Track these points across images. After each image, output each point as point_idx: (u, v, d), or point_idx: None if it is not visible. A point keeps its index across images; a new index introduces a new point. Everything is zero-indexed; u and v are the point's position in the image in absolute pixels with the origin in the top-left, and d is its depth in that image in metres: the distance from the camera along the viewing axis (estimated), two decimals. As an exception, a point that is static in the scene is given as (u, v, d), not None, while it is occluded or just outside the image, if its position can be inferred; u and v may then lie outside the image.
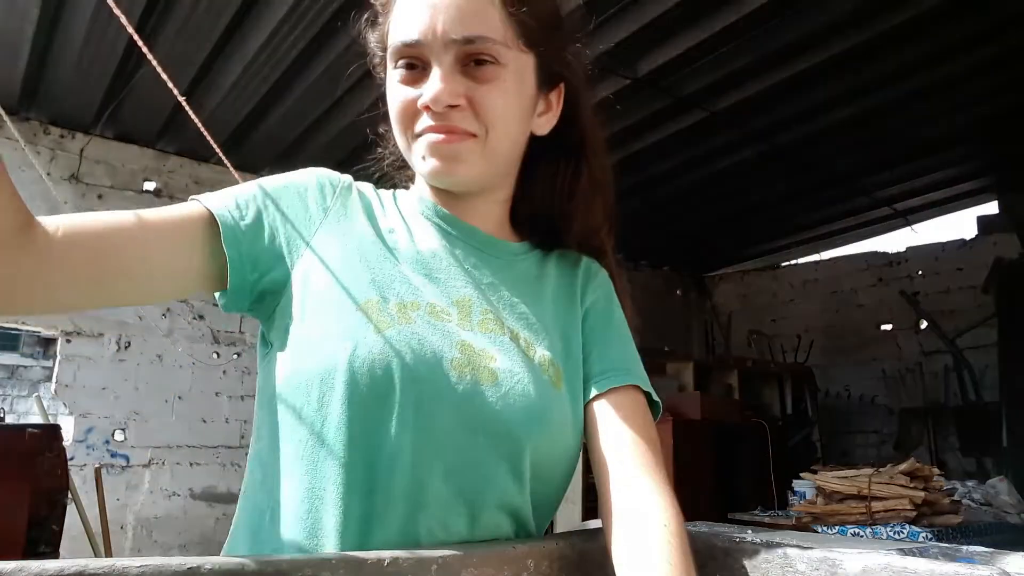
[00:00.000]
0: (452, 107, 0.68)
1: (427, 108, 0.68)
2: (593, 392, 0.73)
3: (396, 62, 0.70)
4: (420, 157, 0.71)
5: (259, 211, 0.69)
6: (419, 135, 0.70)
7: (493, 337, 0.70)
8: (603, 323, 0.78)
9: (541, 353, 0.71)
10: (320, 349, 0.64)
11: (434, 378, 0.65)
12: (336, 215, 0.73)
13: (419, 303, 0.69)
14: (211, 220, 0.66)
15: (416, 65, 0.69)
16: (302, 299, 0.67)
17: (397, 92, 0.71)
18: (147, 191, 4.49)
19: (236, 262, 0.66)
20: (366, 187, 0.80)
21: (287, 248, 0.69)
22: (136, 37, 1.44)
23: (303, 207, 0.72)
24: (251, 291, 0.68)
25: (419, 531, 0.63)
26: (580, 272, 0.81)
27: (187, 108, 1.48)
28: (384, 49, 0.74)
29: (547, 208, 0.80)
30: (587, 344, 0.76)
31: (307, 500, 0.63)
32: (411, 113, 0.70)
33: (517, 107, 0.72)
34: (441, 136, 0.69)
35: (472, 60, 0.68)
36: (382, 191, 0.81)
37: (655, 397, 0.75)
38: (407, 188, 0.84)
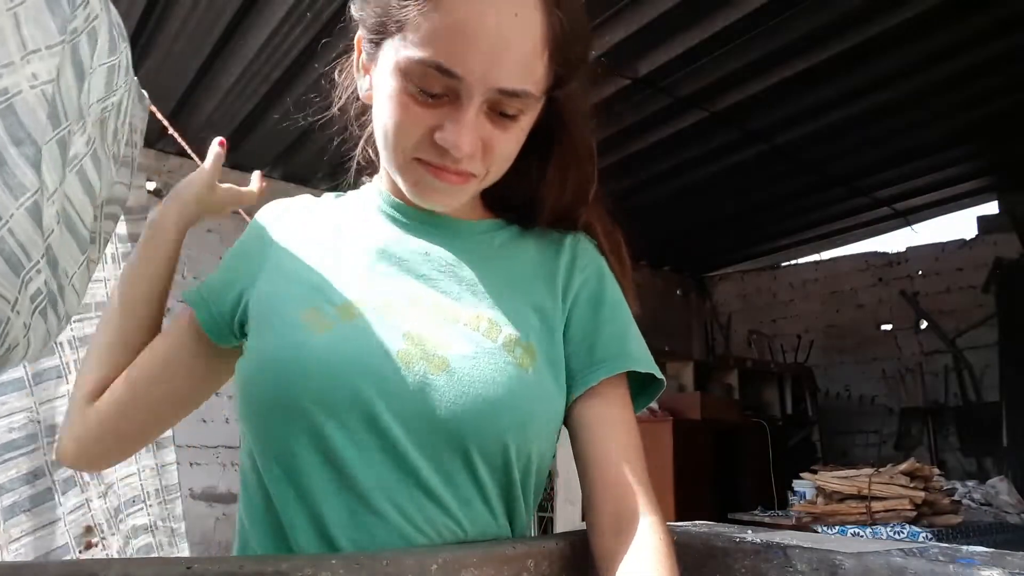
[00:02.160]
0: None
1: (439, 145, 0.62)
2: (576, 392, 0.69)
3: (414, 75, 0.61)
4: (412, 181, 0.67)
5: (226, 280, 0.75)
6: (419, 161, 0.65)
7: (448, 324, 0.66)
8: (593, 307, 0.73)
9: (508, 332, 0.67)
10: (264, 365, 0.65)
11: (381, 372, 0.62)
12: (276, 243, 0.74)
13: (364, 300, 0.66)
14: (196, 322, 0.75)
15: (436, 91, 0.61)
16: (252, 327, 0.70)
17: (407, 108, 0.62)
18: (147, 191, 4.48)
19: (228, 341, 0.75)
20: (311, 200, 0.79)
21: (243, 294, 0.73)
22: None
23: (250, 252, 0.75)
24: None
25: (383, 532, 0.61)
26: (565, 249, 0.75)
27: (173, 132, 1.47)
28: (389, 28, 0.62)
29: (518, 190, 0.75)
30: (577, 333, 0.71)
31: (271, 511, 0.65)
32: (416, 136, 0.63)
33: (519, 145, 0.69)
34: (448, 175, 0.65)
35: (500, 108, 0.63)
36: (338, 194, 0.80)
37: (658, 375, 0.71)
38: (364, 182, 0.81)
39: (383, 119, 0.65)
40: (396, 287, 0.68)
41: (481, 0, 0.58)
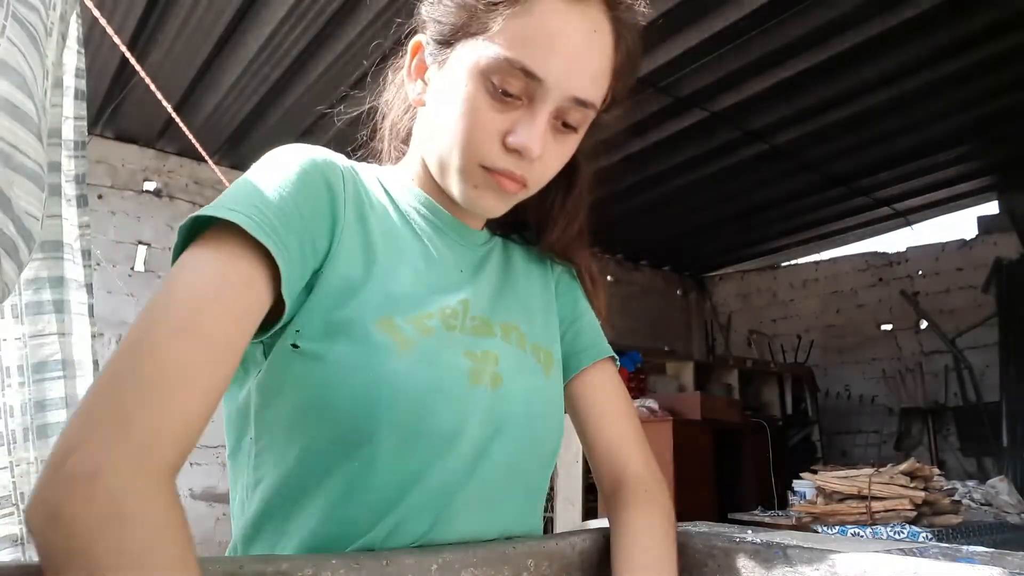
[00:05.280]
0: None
1: (511, 148, 0.63)
2: (576, 370, 0.78)
3: (495, 75, 0.61)
4: (470, 184, 0.66)
5: (297, 241, 0.59)
6: (485, 168, 0.64)
7: (490, 337, 0.70)
8: (573, 303, 0.82)
9: (533, 343, 0.73)
10: (343, 378, 0.59)
11: (456, 395, 0.63)
12: (346, 222, 0.64)
13: (432, 312, 0.65)
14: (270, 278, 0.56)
15: (513, 91, 0.62)
16: (320, 319, 0.60)
17: (480, 109, 0.63)
18: (147, 191, 4.49)
19: (292, 308, 0.60)
20: (350, 173, 0.68)
21: (310, 268, 0.61)
22: (128, 54, 1.43)
23: (320, 210, 0.62)
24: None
25: (447, 538, 0.63)
26: (555, 266, 0.83)
27: (177, 119, 1.47)
28: (471, 29, 0.63)
29: (535, 212, 0.79)
30: (562, 325, 0.80)
31: (334, 528, 0.60)
32: (487, 140, 0.63)
33: (562, 165, 0.70)
34: (509, 183, 0.65)
35: (564, 119, 0.65)
36: (362, 171, 0.71)
37: (618, 360, 0.83)
38: (379, 162, 0.79)
39: (451, 120, 0.64)
40: (447, 299, 0.68)
41: (567, 12, 0.62)
